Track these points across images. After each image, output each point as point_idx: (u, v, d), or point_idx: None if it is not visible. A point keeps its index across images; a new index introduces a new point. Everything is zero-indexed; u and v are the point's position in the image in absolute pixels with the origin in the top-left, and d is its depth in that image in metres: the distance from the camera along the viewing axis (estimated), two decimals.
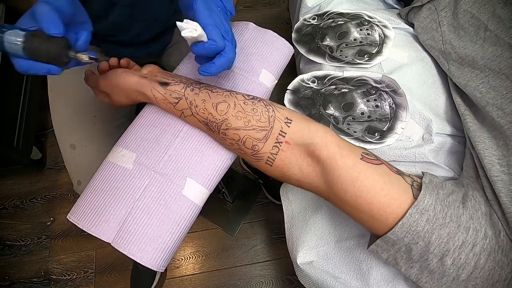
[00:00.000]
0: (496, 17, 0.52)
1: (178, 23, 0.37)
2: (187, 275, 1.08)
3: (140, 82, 0.47)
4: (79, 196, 0.46)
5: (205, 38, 0.38)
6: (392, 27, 0.65)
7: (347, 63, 0.60)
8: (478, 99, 0.49)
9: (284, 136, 0.41)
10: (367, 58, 0.60)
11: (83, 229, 0.43)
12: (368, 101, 0.55)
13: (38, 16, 0.33)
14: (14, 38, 0.34)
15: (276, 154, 0.41)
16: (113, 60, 0.50)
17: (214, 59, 0.39)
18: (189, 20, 0.37)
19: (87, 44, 0.40)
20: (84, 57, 0.38)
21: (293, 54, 0.60)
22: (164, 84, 0.46)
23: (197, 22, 0.37)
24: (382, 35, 0.63)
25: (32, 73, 0.36)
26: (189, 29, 0.36)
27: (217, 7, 0.41)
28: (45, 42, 0.35)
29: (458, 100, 0.53)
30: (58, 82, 0.66)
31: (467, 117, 0.50)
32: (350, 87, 0.57)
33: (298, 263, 0.52)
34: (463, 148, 0.52)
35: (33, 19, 0.34)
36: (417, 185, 0.39)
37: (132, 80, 0.47)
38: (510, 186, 0.39)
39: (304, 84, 0.59)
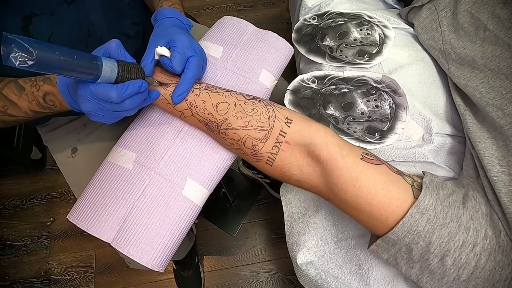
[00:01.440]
0: (496, 17, 0.52)
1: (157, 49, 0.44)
2: None
3: None
4: (80, 196, 0.46)
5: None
6: (392, 27, 0.65)
7: (347, 63, 0.60)
8: (478, 100, 0.49)
9: (284, 136, 0.41)
10: (367, 58, 0.60)
11: (83, 229, 0.43)
12: (368, 101, 0.55)
13: (114, 49, 0.38)
14: (111, 63, 0.36)
15: (276, 154, 0.41)
16: None
17: (179, 82, 0.45)
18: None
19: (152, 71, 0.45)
20: (155, 82, 0.44)
21: (293, 54, 0.60)
22: (164, 84, 0.46)
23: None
24: (382, 35, 0.63)
25: (130, 90, 0.38)
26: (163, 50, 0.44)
27: (175, 26, 0.47)
28: (132, 67, 0.39)
29: (458, 100, 0.53)
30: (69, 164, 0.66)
31: (467, 118, 0.50)
32: (350, 87, 0.57)
33: (298, 263, 0.52)
34: (463, 148, 0.52)
35: (106, 53, 0.38)
36: (418, 185, 0.39)
37: None
38: (510, 186, 0.39)
39: (304, 84, 0.59)
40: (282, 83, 0.75)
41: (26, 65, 0.28)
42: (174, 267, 1.06)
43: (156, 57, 0.44)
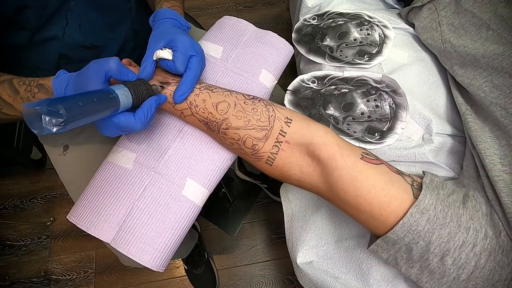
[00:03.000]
0: (498, 16, 0.52)
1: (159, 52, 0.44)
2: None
3: None
4: (79, 196, 0.46)
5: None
6: (392, 27, 0.65)
7: (347, 63, 0.60)
8: (482, 99, 0.49)
9: (284, 136, 0.41)
10: (367, 58, 0.60)
11: (83, 229, 0.43)
12: (368, 101, 0.55)
13: (116, 71, 0.39)
14: (123, 90, 0.37)
15: (276, 154, 0.41)
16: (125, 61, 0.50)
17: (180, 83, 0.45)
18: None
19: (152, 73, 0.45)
20: (159, 88, 0.44)
21: (293, 54, 0.60)
22: (165, 83, 0.46)
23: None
24: (382, 35, 0.63)
25: (150, 114, 0.39)
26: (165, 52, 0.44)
27: (175, 26, 0.48)
28: (139, 85, 0.40)
29: (459, 99, 0.53)
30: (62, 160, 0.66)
31: (468, 117, 0.50)
32: (350, 87, 0.57)
33: (298, 263, 0.52)
34: (463, 148, 0.52)
35: (108, 74, 0.38)
36: (417, 185, 0.39)
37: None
38: (511, 186, 0.39)
39: (304, 84, 0.59)
40: (278, 92, 0.75)
41: (61, 127, 0.28)
42: (186, 267, 1.06)
43: (154, 58, 0.44)
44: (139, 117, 0.38)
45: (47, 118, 0.27)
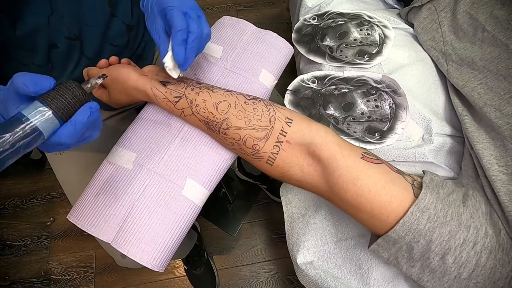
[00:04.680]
0: (494, 18, 0.52)
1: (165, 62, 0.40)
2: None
3: (141, 80, 0.47)
4: (80, 196, 0.46)
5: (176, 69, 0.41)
6: (392, 27, 0.65)
7: (347, 63, 0.60)
8: (476, 100, 0.49)
9: (285, 136, 0.41)
10: (367, 58, 0.60)
11: (83, 229, 0.43)
12: (368, 101, 0.55)
13: (23, 80, 0.29)
14: (40, 112, 0.28)
15: (277, 154, 0.41)
16: (113, 59, 0.50)
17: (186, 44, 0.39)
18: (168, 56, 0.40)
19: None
20: (96, 80, 0.35)
21: (293, 54, 0.60)
22: (165, 83, 0.46)
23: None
24: (382, 35, 0.63)
25: (82, 124, 0.31)
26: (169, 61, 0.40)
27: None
28: (63, 93, 0.30)
29: (456, 101, 0.53)
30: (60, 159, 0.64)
31: (465, 118, 0.50)
32: (350, 87, 0.57)
33: (298, 263, 0.52)
34: (462, 148, 0.52)
35: (19, 93, 0.30)
36: (418, 184, 0.39)
37: (133, 76, 0.47)
38: (509, 186, 0.39)
39: (304, 84, 0.59)
40: (276, 98, 0.74)
41: None
42: (185, 268, 1.06)
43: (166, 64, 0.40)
44: (69, 132, 0.30)
45: None
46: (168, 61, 0.40)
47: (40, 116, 0.28)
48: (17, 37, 0.49)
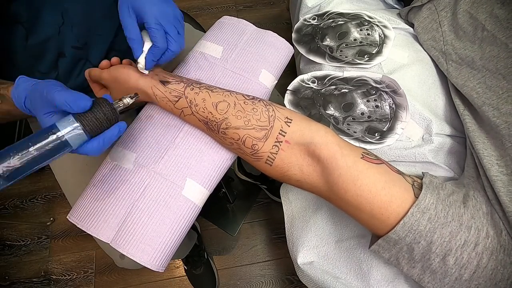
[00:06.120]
0: (494, 17, 0.52)
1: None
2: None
3: (141, 80, 0.47)
4: (79, 196, 0.46)
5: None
6: (392, 27, 0.65)
7: (347, 63, 0.60)
8: (475, 99, 0.49)
9: (284, 136, 0.41)
10: (367, 58, 0.60)
11: (83, 229, 0.43)
12: (368, 101, 0.55)
13: (65, 99, 0.32)
14: (70, 127, 0.32)
15: (276, 154, 0.41)
16: (115, 60, 0.50)
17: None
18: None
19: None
20: (128, 100, 0.38)
21: (293, 54, 0.60)
22: (165, 82, 0.46)
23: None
24: (382, 35, 0.63)
25: (110, 141, 0.35)
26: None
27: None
28: (96, 112, 0.33)
29: (457, 101, 0.53)
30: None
31: (466, 117, 0.50)
32: (350, 87, 0.57)
33: (299, 263, 0.52)
34: (462, 148, 0.52)
35: (54, 105, 0.33)
36: (418, 185, 0.39)
37: (133, 76, 0.47)
38: (509, 186, 0.39)
39: (304, 84, 0.59)
40: (276, 98, 0.74)
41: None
42: (185, 268, 1.06)
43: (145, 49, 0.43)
44: (97, 148, 0.34)
45: None
46: (142, 61, 0.44)
47: (72, 132, 0.32)
48: (28, 46, 0.50)
